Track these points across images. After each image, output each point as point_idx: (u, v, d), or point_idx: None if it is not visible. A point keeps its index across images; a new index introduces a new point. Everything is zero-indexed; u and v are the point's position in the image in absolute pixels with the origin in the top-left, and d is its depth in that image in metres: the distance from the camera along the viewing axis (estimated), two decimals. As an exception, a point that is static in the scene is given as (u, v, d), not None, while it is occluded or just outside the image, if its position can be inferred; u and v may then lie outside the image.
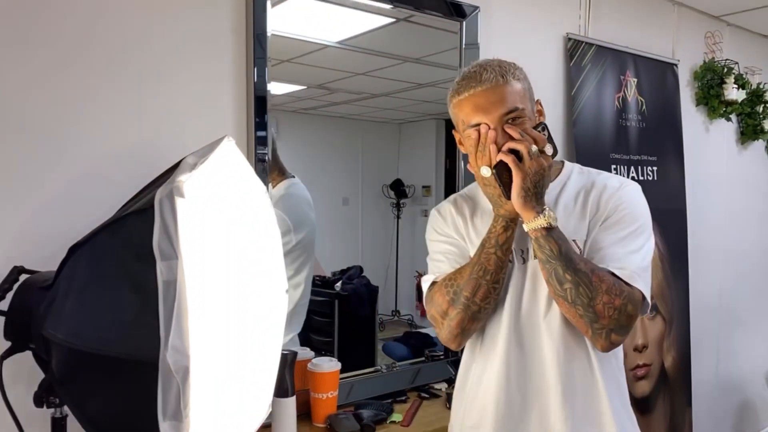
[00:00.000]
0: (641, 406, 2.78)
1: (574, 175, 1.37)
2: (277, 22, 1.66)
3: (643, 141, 2.82)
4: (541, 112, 1.31)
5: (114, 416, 0.93)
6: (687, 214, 3.05)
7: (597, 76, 2.65)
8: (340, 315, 2.16)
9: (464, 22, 2.16)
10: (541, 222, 1.15)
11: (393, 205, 2.28)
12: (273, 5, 1.66)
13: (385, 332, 2.32)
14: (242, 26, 1.65)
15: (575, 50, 2.56)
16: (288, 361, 1.39)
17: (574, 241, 1.23)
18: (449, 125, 2.32)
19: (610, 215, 1.25)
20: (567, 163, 1.40)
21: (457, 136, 1.31)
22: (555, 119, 2.56)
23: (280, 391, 1.34)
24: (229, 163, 1.00)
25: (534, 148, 1.17)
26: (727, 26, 3.37)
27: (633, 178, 2.75)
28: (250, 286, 1.00)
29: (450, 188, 2.25)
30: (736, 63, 3.26)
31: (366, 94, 2.16)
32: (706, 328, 3.34)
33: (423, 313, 2.27)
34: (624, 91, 2.75)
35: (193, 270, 0.82)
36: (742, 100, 3.26)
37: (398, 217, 2.29)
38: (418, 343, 2.28)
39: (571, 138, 2.59)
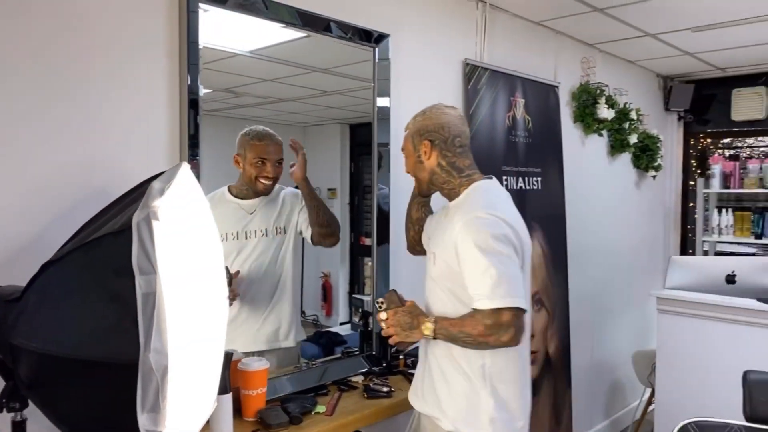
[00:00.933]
0: (529, 389, 3.12)
1: (464, 198, 1.69)
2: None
3: (530, 155, 3.18)
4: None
5: (87, 413, 1.05)
6: (566, 218, 3.46)
7: (491, 97, 2.96)
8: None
9: (376, 49, 2.37)
10: (425, 335, 1.63)
11: None
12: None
13: None
14: (175, 34, 1.77)
15: (472, 74, 2.86)
16: (226, 361, 1.53)
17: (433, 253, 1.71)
18: (354, 129, 2.45)
19: (458, 255, 1.58)
20: (475, 186, 1.70)
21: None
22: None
23: (221, 388, 1.47)
24: (186, 186, 1.14)
25: (382, 315, 1.70)
26: (599, 53, 3.84)
27: (521, 188, 3.12)
28: (204, 293, 1.15)
29: (355, 190, 2.35)
30: (607, 85, 3.73)
31: (272, 99, 2.21)
32: (583, 317, 3.78)
33: (328, 313, 2.44)
34: (514, 111, 3.09)
35: (168, 282, 0.97)
36: (612, 118, 3.73)
37: None
38: (329, 342, 2.40)
39: (468, 152, 2.88)
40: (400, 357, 2.36)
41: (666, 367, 2.91)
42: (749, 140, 4.77)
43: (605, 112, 3.63)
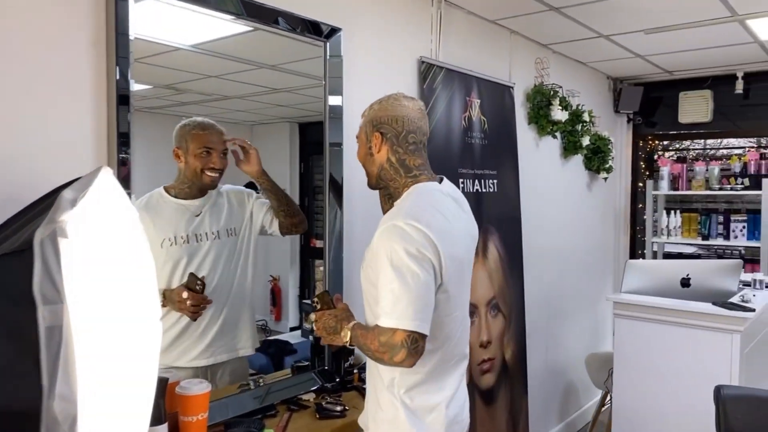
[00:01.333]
0: (486, 397, 3.05)
1: (401, 201, 1.58)
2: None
3: (486, 156, 3.10)
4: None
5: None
6: (522, 220, 3.40)
7: (447, 97, 2.86)
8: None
9: (327, 44, 2.23)
10: (344, 342, 1.56)
11: None
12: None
13: None
14: (102, 24, 1.61)
15: (428, 73, 2.75)
16: (161, 388, 1.36)
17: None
18: (304, 128, 2.36)
19: (376, 263, 1.48)
20: (415, 188, 1.58)
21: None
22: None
23: (154, 418, 1.30)
24: (107, 195, 0.97)
25: (312, 316, 1.63)
26: (553, 53, 3.81)
27: (477, 191, 3.03)
28: (130, 317, 0.98)
29: (305, 191, 2.28)
30: (561, 87, 3.70)
31: (217, 96, 2.12)
32: (538, 321, 3.75)
33: (278, 317, 2.33)
34: (469, 111, 3.00)
35: (79, 313, 0.80)
36: (565, 120, 3.70)
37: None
38: (278, 352, 2.28)
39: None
40: (354, 371, 2.22)
41: (623, 372, 2.88)
42: (696, 142, 4.86)
43: (559, 114, 3.59)
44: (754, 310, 2.53)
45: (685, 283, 2.90)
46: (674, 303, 2.72)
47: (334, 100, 2.28)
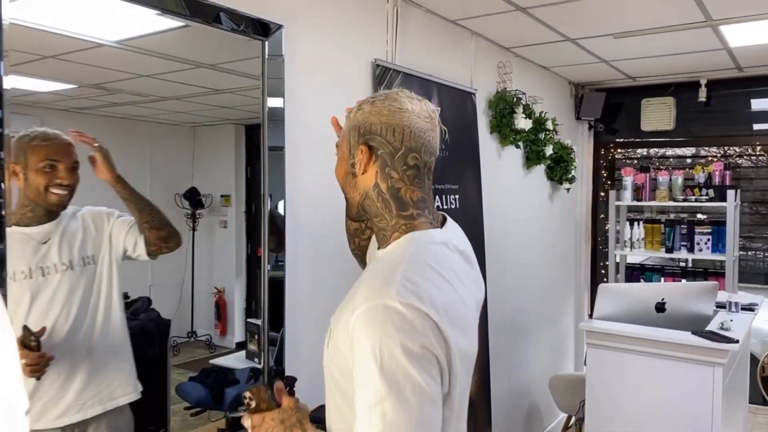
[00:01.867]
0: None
1: (389, 255, 1.13)
2: (30, 13, 1.47)
3: (447, 170, 2.83)
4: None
5: None
6: (485, 238, 3.15)
7: (404, 104, 2.57)
8: (123, 357, 1.84)
9: (266, 42, 1.92)
10: None
11: (187, 216, 2.07)
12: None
13: (180, 356, 2.07)
14: None
15: (383, 77, 2.46)
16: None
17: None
18: (250, 130, 2.19)
19: (353, 350, 1.01)
20: (410, 239, 1.12)
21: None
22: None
23: None
24: None
25: (246, 422, 1.13)
26: (515, 57, 3.58)
27: (438, 208, 2.75)
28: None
29: (252, 198, 2.13)
30: (524, 93, 3.46)
31: (153, 97, 1.99)
32: (501, 344, 3.51)
33: (223, 332, 2.15)
34: (429, 120, 2.72)
35: None
36: (529, 129, 3.47)
37: (194, 230, 2.09)
38: (217, 382, 2.04)
39: (380, 169, 2.48)
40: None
41: (596, 406, 2.66)
42: (659, 151, 4.74)
43: (522, 123, 3.36)
44: (737, 341, 2.34)
45: (660, 307, 2.70)
46: (651, 332, 2.51)
47: (274, 102, 2.07)
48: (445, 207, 2.82)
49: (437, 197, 2.76)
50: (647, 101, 4.42)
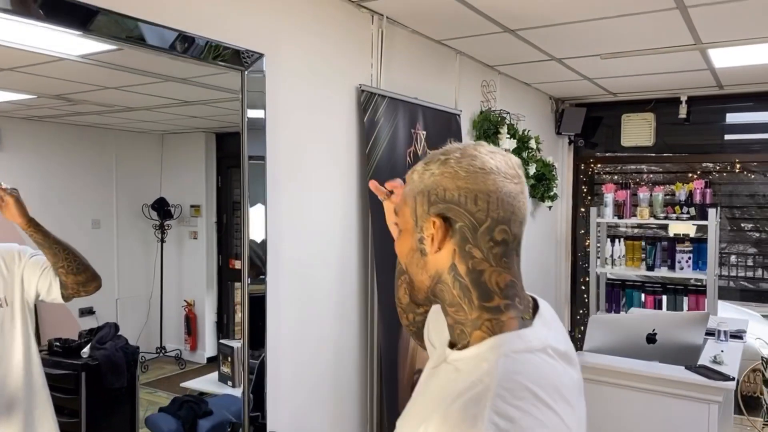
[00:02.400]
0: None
1: (471, 363, 0.87)
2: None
3: (433, 196, 2.71)
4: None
5: None
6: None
7: (390, 130, 2.45)
8: (88, 390, 1.79)
9: (246, 73, 1.78)
10: None
11: (156, 228, 2.03)
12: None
13: (149, 373, 2.03)
14: None
15: (368, 103, 2.33)
16: None
17: None
18: (222, 139, 2.15)
19: None
20: (497, 346, 0.86)
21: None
22: (350, 180, 2.30)
23: None
24: None
25: None
26: (499, 75, 3.49)
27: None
28: None
29: (222, 208, 2.10)
30: (508, 113, 3.37)
31: (120, 107, 1.94)
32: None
33: (193, 347, 2.09)
34: (415, 146, 2.61)
35: None
36: (513, 148, 3.39)
37: (162, 241, 2.06)
38: (190, 414, 1.97)
39: (366, 204, 2.35)
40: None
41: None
42: (640, 166, 4.71)
43: (507, 143, 3.27)
44: (733, 379, 2.29)
45: (651, 338, 2.64)
46: (645, 368, 2.44)
47: (254, 113, 1.95)
48: (430, 235, 2.71)
49: (423, 226, 2.65)
50: (627, 116, 4.39)
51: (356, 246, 2.34)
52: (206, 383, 2.13)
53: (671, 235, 4.39)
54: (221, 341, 2.16)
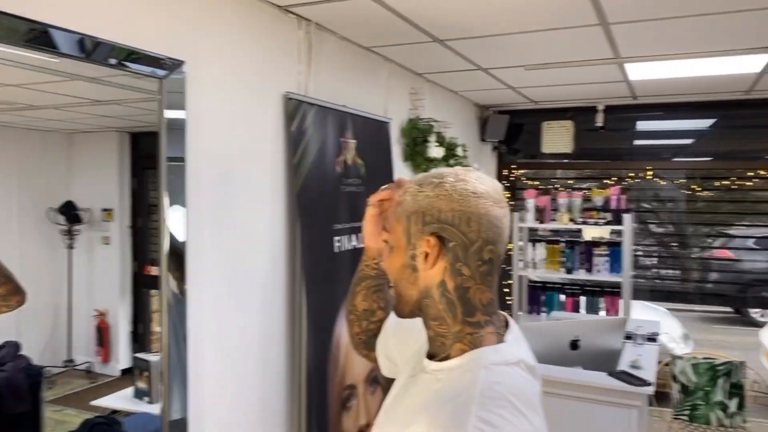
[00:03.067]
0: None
1: (453, 375, 0.94)
2: None
3: (363, 206, 2.66)
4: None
5: None
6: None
7: (319, 139, 2.38)
8: (-15, 416, 1.64)
9: (164, 82, 1.66)
10: None
11: (63, 233, 1.93)
12: None
13: (56, 390, 1.90)
14: None
15: (296, 111, 2.25)
16: None
17: None
18: (137, 139, 2.05)
19: None
20: (478, 358, 0.93)
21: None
22: (277, 189, 2.21)
23: None
24: None
25: None
26: (427, 82, 3.49)
27: (355, 247, 2.59)
28: None
29: (138, 212, 2.01)
30: (437, 121, 3.38)
31: (21, 105, 1.80)
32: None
33: (105, 359, 2.00)
34: (344, 155, 2.55)
35: None
36: (441, 156, 3.40)
37: (71, 247, 1.95)
38: None
39: (295, 215, 2.27)
40: None
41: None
42: (559, 172, 4.87)
43: (435, 151, 3.28)
44: (651, 384, 2.39)
45: (575, 345, 2.72)
46: (569, 375, 2.51)
47: (175, 114, 1.84)
48: (362, 246, 2.66)
49: (354, 236, 2.60)
50: (548, 124, 4.52)
51: (284, 258, 2.26)
52: (120, 400, 1.99)
53: (588, 239, 4.57)
54: (137, 355, 2.03)
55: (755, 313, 8.68)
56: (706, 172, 4.80)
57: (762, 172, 4.38)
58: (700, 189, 4.92)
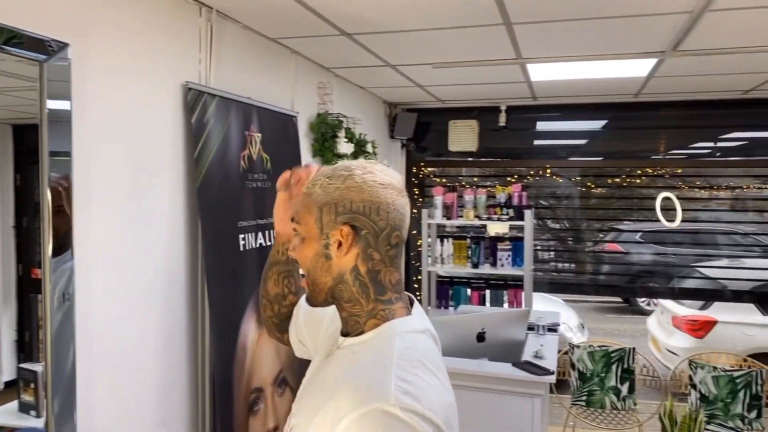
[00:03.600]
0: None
1: (368, 347, 1.01)
2: None
3: (269, 202, 2.57)
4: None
5: None
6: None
7: (222, 132, 2.27)
8: None
9: (46, 62, 1.51)
10: None
11: None
12: None
13: None
14: None
15: (197, 102, 2.13)
16: None
17: None
18: (21, 132, 1.82)
19: None
20: (390, 329, 1.01)
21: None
22: (177, 189, 2.08)
23: None
24: None
25: None
26: (335, 77, 3.44)
27: (261, 245, 2.50)
28: None
29: (23, 209, 1.81)
30: (345, 117, 3.34)
31: None
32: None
33: None
34: (249, 149, 2.45)
35: None
36: (351, 153, 3.37)
37: None
38: None
39: (195, 212, 2.15)
40: None
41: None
42: (465, 170, 4.97)
43: (344, 147, 3.24)
44: (553, 373, 2.48)
45: (481, 337, 2.77)
46: (476, 366, 2.56)
47: (59, 104, 1.66)
48: (268, 243, 2.58)
49: (260, 233, 2.51)
50: (454, 123, 4.61)
51: (184, 256, 2.14)
52: (4, 415, 1.79)
53: (492, 234, 4.71)
54: (21, 365, 1.82)
55: (642, 302, 9.35)
56: (598, 171, 5.09)
57: (649, 171, 4.70)
58: (593, 186, 5.21)
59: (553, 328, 3.16)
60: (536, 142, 5.06)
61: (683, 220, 4.68)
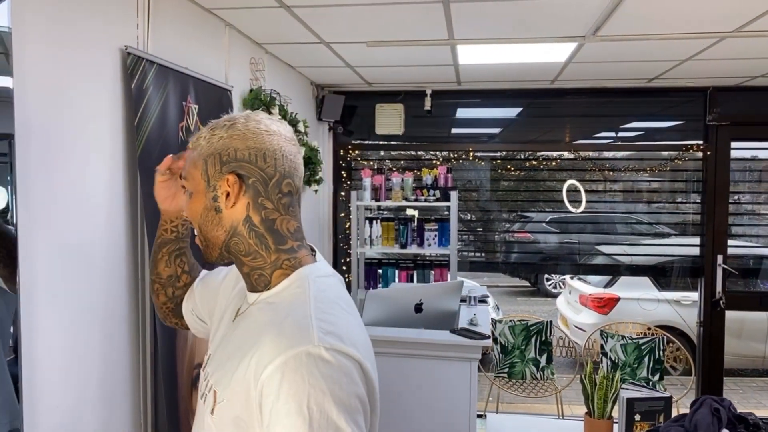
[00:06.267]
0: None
1: (284, 297, 0.99)
2: None
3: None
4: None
5: None
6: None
7: (160, 101, 2.20)
8: None
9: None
10: None
11: None
12: None
13: None
14: None
15: (136, 68, 2.05)
16: None
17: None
18: None
19: (261, 415, 0.88)
20: (302, 276, 1.01)
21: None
22: (116, 155, 2.00)
23: None
24: None
25: None
26: (266, 54, 3.40)
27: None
28: None
29: None
30: (278, 93, 3.31)
31: None
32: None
33: None
34: (187, 120, 2.39)
35: None
36: (283, 131, 3.34)
37: None
38: None
39: (135, 179, 2.08)
40: None
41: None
42: (392, 153, 5.05)
43: (278, 124, 3.20)
44: (489, 337, 2.61)
45: (419, 308, 2.86)
46: (415, 335, 2.64)
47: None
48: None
49: (198, 208, 2.45)
50: (381, 106, 4.67)
51: (124, 231, 2.06)
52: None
53: (409, 214, 4.82)
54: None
55: (549, 284, 9.89)
56: (512, 157, 5.31)
57: (566, 155, 4.98)
58: (507, 172, 5.44)
59: (483, 300, 3.31)
60: (456, 129, 5.22)
61: (586, 209, 5.00)
